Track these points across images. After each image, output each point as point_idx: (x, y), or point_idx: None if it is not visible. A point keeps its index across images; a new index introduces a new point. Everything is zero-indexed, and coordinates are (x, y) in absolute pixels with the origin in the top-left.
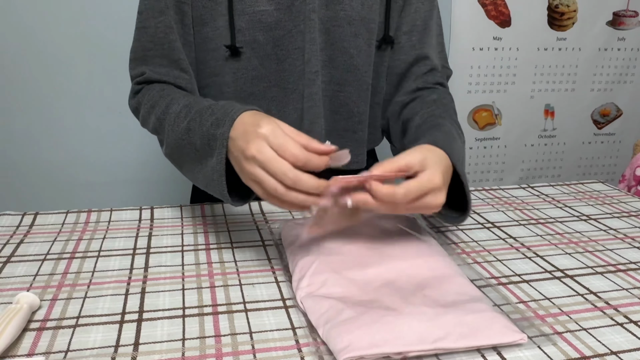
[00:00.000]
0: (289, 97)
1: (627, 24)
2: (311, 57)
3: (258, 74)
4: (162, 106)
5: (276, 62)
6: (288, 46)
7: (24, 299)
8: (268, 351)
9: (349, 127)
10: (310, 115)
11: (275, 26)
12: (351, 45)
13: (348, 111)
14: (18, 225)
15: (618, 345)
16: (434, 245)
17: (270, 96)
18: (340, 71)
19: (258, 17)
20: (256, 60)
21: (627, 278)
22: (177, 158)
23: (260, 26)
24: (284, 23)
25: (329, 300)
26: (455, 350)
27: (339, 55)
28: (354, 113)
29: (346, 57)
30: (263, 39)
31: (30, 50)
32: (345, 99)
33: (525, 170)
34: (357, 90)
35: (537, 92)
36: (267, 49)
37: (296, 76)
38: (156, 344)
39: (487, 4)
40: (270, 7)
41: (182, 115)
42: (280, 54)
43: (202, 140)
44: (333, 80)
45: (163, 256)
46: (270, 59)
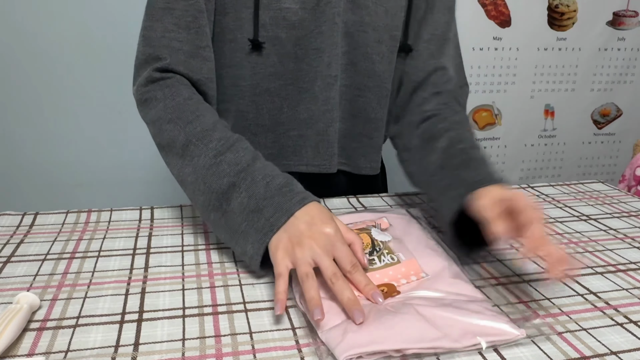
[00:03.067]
0: (302, 96)
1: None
2: (332, 60)
3: (276, 71)
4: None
5: (294, 61)
6: (308, 46)
7: (24, 299)
8: (268, 351)
9: (365, 132)
10: (326, 119)
11: (299, 25)
12: (374, 51)
13: (366, 116)
14: (18, 225)
15: (618, 345)
16: (434, 245)
17: (284, 94)
18: (361, 76)
19: (282, 14)
20: (276, 57)
21: (627, 278)
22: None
23: (283, 23)
24: (307, 23)
25: (328, 301)
26: (454, 350)
27: (361, 60)
28: (371, 119)
29: (368, 63)
30: (285, 36)
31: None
32: (364, 104)
33: (525, 170)
34: (376, 97)
35: (537, 92)
36: (288, 47)
37: (312, 77)
38: (156, 344)
39: (487, 4)
40: (296, 6)
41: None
42: (300, 53)
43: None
44: (353, 84)
45: (163, 256)
46: (289, 57)
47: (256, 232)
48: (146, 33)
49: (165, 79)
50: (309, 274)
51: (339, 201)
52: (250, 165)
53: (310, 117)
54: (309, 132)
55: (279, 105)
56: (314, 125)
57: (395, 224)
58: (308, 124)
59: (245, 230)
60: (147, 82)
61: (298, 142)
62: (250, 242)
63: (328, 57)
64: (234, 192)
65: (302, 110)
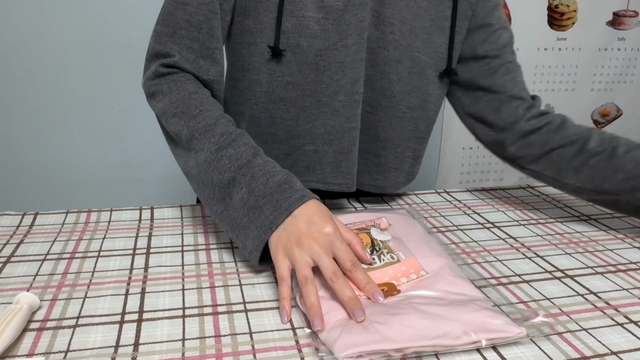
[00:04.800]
0: (320, 110)
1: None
2: (358, 77)
3: (294, 80)
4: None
5: (315, 73)
6: (330, 58)
7: (24, 299)
8: (268, 351)
9: (372, 150)
10: (350, 137)
11: (321, 35)
12: (392, 70)
13: (374, 134)
14: (18, 225)
15: (618, 345)
16: (434, 245)
17: (302, 105)
18: (376, 94)
19: (305, 23)
20: (295, 66)
21: (627, 278)
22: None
23: (306, 32)
24: (329, 34)
25: (328, 301)
26: (454, 349)
27: (378, 78)
28: (380, 138)
29: (385, 82)
30: (306, 45)
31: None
32: (374, 122)
33: None
34: (387, 116)
35: (537, 92)
36: (309, 57)
37: (332, 90)
38: (156, 344)
39: None
40: (318, 15)
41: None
42: (321, 65)
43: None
44: (367, 101)
45: (163, 256)
46: (310, 67)
47: (257, 229)
48: (158, 28)
49: (172, 74)
50: (309, 278)
51: (339, 201)
52: (251, 161)
53: (329, 132)
54: (326, 148)
55: (294, 116)
56: (332, 142)
57: (395, 223)
58: (325, 140)
59: (246, 225)
60: (154, 76)
61: (313, 158)
62: (251, 238)
63: (353, 73)
64: (235, 187)
65: (320, 124)
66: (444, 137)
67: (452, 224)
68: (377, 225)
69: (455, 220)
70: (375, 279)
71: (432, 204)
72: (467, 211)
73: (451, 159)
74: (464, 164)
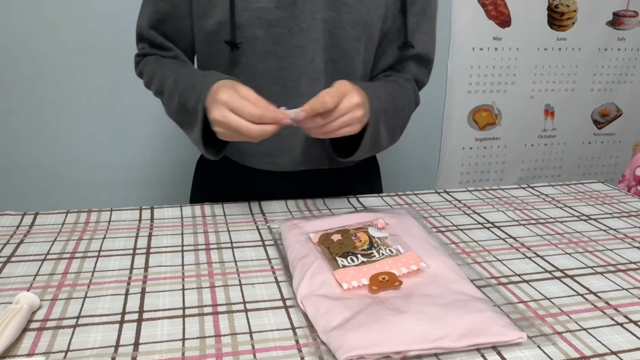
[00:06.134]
0: (289, 94)
1: (627, 24)
2: (315, 56)
3: (257, 70)
4: (158, 80)
5: (276, 60)
6: (289, 44)
7: (24, 299)
8: (268, 351)
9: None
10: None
11: (276, 23)
12: (353, 48)
13: None
14: (18, 225)
15: (618, 345)
16: (434, 245)
17: (270, 93)
18: (340, 73)
19: (258, 14)
20: (256, 56)
21: (627, 278)
22: (177, 122)
23: (260, 23)
24: (284, 21)
25: (328, 301)
26: (455, 350)
27: (341, 58)
28: None
29: (348, 60)
30: (263, 35)
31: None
32: None
33: (525, 170)
34: None
35: (537, 92)
36: (267, 46)
37: (297, 75)
38: (156, 344)
39: (487, 4)
40: (271, 5)
41: (174, 90)
42: (281, 52)
43: (189, 115)
44: (334, 80)
45: (163, 256)
46: (270, 56)
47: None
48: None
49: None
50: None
51: (339, 201)
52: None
53: None
54: (299, 131)
55: None
56: None
57: (395, 223)
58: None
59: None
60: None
61: (288, 141)
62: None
63: (311, 53)
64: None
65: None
66: (444, 137)
67: (452, 224)
68: (374, 225)
69: (455, 220)
70: (375, 269)
71: (432, 204)
72: (467, 211)
73: (451, 159)
74: (464, 164)
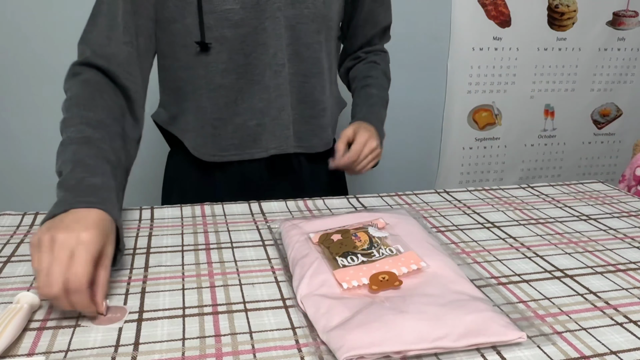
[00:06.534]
0: (254, 88)
1: (627, 24)
2: (277, 51)
3: (227, 67)
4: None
5: (243, 56)
6: (254, 42)
7: (24, 298)
8: (268, 351)
9: (314, 114)
10: (278, 105)
11: (242, 23)
12: (314, 40)
13: (313, 100)
14: (18, 225)
15: (618, 345)
16: (434, 245)
17: (237, 87)
18: (305, 64)
19: (225, 15)
20: (225, 54)
21: (627, 278)
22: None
23: (227, 23)
24: (249, 20)
25: (328, 300)
26: (455, 350)
27: (304, 50)
28: (317, 102)
29: (311, 52)
30: (230, 35)
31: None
32: (310, 89)
33: (525, 170)
34: (319, 81)
35: (537, 92)
36: (235, 44)
37: (261, 69)
38: (156, 344)
39: (487, 4)
40: (237, 6)
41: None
42: (247, 49)
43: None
44: (299, 72)
45: (163, 256)
46: (237, 53)
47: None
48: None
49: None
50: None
51: (339, 201)
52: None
53: (266, 106)
54: (266, 120)
55: (233, 98)
56: (270, 113)
57: (395, 223)
58: (264, 113)
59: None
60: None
61: (257, 131)
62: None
63: (273, 49)
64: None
65: (257, 100)
66: (444, 137)
67: (452, 224)
68: (374, 224)
69: (455, 220)
70: (375, 269)
71: (432, 204)
72: (467, 211)
73: (451, 159)
74: (464, 164)
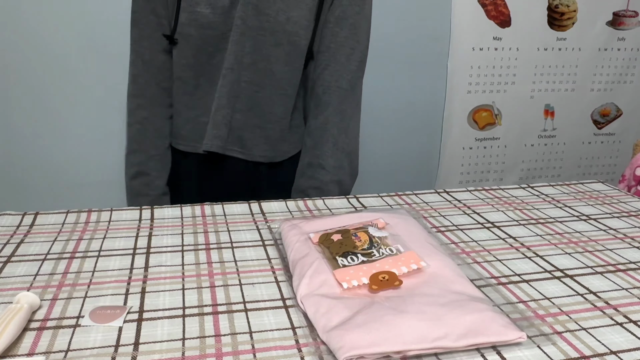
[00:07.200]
0: (212, 87)
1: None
2: (230, 56)
3: (188, 63)
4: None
5: (207, 57)
6: (218, 45)
7: (24, 298)
8: (268, 351)
9: (258, 124)
10: (217, 105)
11: (208, 26)
12: (271, 53)
13: (260, 110)
14: (18, 225)
15: (618, 345)
16: (434, 245)
17: (196, 83)
18: (260, 75)
19: (195, 17)
20: (189, 51)
21: (627, 278)
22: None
23: (195, 24)
24: (216, 25)
25: (328, 300)
26: (455, 350)
27: (260, 61)
28: (266, 112)
29: (266, 63)
30: (196, 35)
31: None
32: (260, 99)
33: (525, 170)
34: (272, 93)
35: (537, 92)
36: (199, 44)
37: (219, 71)
38: (156, 344)
39: (487, 4)
40: (207, 10)
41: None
42: (211, 50)
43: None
44: (254, 82)
45: (163, 256)
46: (201, 53)
47: None
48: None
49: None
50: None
51: (339, 201)
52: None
53: (215, 106)
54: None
55: (191, 92)
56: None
57: (395, 223)
58: (211, 112)
59: None
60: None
61: (205, 128)
62: None
63: (235, 54)
64: None
65: (210, 99)
66: (444, 137)
67: (452, 224)
68: (374, 224)
69: (455, 220)
70: (375, 268)
71: (432, 204)
72: (467, 211)
73: (451, 159)
74: (464, 164)
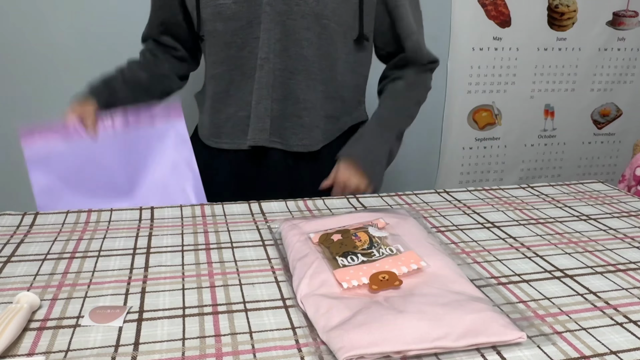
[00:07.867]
0: (246, 80)
1: (627, 24)
2: (263, 45)
3: (218, 58)
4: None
5: (236, 49)
6: (247, 35)
7: (24, 298)
8: (268, 351)
9: (295, 113)
10: (257, 97)
11: (233, 17)
12: (302, 37)
13: (295, 98)
14: (18, 225)
15: (618, 344)
16: (434, 245)
17: (229, 78)
18: (292, 60)
19: (218, 10)
20: (217, 46)
21: (627, 278)
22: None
23: (219, 17)
24: (241, 15)
25: (328, 300)
26: (455, 350)
27: (291, 46)
28: (300, 100)
29: (297, 48)
30: (222, 28)
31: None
32: (294, 86)
33: (525, 170)
34: (305, 79)
35: (537, 92)
36: (227, 37)
37: (253, 62)
38: (156, 344)
39: (487, 4)
40: (229, 1)
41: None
42: (240, 42)
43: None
44: (287, 68)
45: (163, 256)
46: (230, 46)
47: None
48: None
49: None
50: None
51: (339, 201)
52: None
53: (254, 99)
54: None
55: (224, 88)
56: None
57: (395, 223)
58: (248, 103)
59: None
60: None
61: (245, 122)
62: None
63: (262, 42)
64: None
65: (247, 93)
66: (444, 137)
67: (452, 224)
68: (374, 224)
69: (455, 220)
70: (375, 268)
71: (432, 203)
72: (467, 211)
73: (451, 159)
74: (464, 164)
